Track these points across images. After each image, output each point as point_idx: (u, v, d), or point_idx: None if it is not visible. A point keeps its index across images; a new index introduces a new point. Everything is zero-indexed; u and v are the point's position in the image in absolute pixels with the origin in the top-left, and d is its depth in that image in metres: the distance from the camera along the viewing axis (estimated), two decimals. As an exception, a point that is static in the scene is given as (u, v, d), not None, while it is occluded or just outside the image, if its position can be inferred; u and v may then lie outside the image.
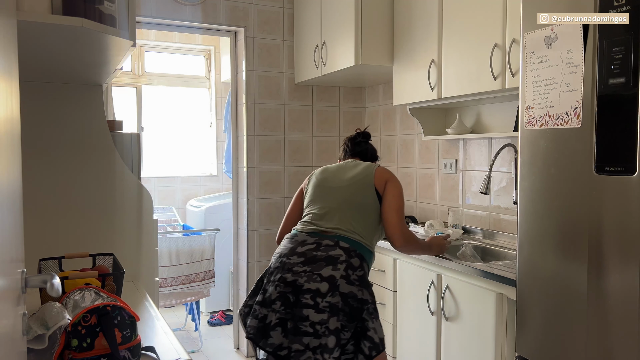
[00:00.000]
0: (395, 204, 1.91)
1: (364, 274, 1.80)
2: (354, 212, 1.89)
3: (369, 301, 1.75)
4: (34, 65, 1.59)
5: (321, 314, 1.67)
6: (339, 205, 1.91)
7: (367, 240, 1.88)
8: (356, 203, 1.91)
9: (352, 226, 1.86)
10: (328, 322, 1.66)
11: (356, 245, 1.83)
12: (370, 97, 3.65)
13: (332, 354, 1.64)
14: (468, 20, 2.33)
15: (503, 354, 1.90)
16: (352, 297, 1.71)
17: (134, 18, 1.50)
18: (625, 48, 1.25)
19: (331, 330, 1.65)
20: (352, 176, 1.98)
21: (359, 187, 1.94)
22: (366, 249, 1.87)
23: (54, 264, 1.60)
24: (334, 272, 1.72)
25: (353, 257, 1.79)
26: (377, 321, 1.75)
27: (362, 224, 1.88)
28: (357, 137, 2.20)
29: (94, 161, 1.99)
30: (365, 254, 1.85)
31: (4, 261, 0.70)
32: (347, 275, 1.73)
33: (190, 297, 3.67)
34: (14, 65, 0.88)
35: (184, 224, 4.35)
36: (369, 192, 1.92)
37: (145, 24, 3.27)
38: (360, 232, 1.86)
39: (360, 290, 1.74)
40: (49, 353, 1.11)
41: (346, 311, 1.69)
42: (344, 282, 1.71)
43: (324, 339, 1.65)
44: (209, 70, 4.94)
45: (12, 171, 0.81)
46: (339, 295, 1.69)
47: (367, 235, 1.88)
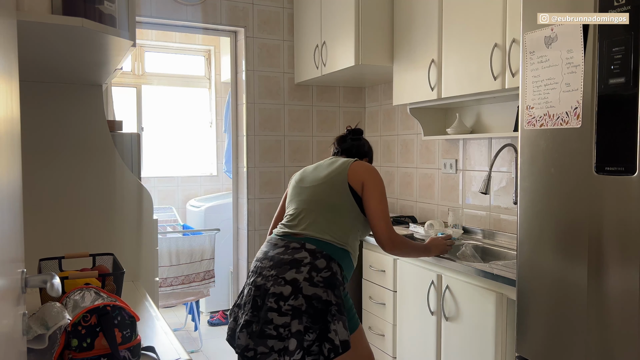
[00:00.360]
0: (378, 208, 1.87)
1: (330, 275, 1.76)
2: (326, 212, 1.86)
3: (333, 302, 1.72)
4: (34, 65, 1.59)
5: (284, 317, 1.69)
6: (310, 205, 1.89)
7: (341, 240, 1.84)
8: (328, 202, 1.88)
9: (322, 226, 1.84)
10: (290, 325, 1.68)
11: (325, 246, 1.81)
12: (370, 97, 3.65)
13: (293, 356, 1.66)
14: (468, 20, 2.33)
15: (503, 354, 1.90)
16: (316, 299, 1.70)
17: (134, 18, 1.50)
18: (625, 48, 1.25)
19: (293, 333, 1.67)
20: (326, 174, 1.93)
21: (332, 185, 1.90)
22: (339, 248, 1.83)
23: (54, 264, 1.60)
24: (297, 274, 1.73)
25: (318, 259, 1.77)
26: (340, 323, 1.71)
27: (336, 224, 1.85)
28: (347, 135, 2.16)
29: (94, 161, 1.99)
30: (335, 254, 1.81)
31: (4, 261, 0.70)
32: (311, 277, 1.73)
33: (190, 297, 3.66)
34: (14, 65, 0.88)
35: (184, 224, 4.34)
36: (343, 190, 1.88)
37: (145, 24, 3.27)
38: (332, 231, 1.83)
39: (325, 292, 1.72)
40: (49, 353, 1.11)
41: (310, 313, 1.69)
42: (307, 284, 1.71)
43: (286, 341, 1.67)
44: (209, 70, 4.94)
45: (12, 171, 0.81)
46: (302, 297, 1.70)
47: (340, 235, 1.84)
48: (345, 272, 1.86)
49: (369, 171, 1.93)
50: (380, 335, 2.63)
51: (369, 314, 2.74)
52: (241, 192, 3.57)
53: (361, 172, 1.91)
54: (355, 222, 1.89)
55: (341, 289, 1.79)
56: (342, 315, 1.72)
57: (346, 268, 1.86)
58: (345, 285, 1.85)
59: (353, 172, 1.91)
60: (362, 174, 1.90)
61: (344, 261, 1.85)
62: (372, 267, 2.69)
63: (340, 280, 1.80)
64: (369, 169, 1.94)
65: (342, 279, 1.81)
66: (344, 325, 1.72)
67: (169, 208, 4.60)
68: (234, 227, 3.66)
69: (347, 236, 1.86)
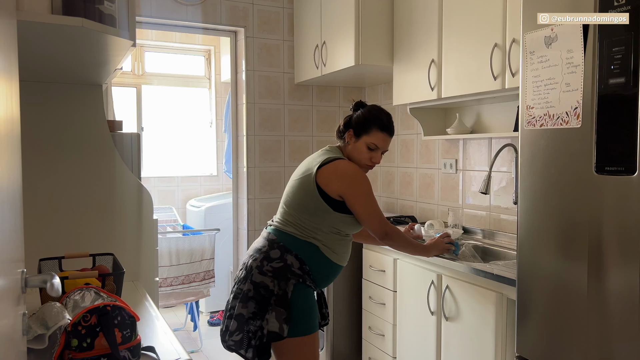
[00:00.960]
0: (366, 212, 1.84)
1: (282, 266, 1.79)
2: (296, 206, 1.86)
3: (275, 293, 1.76)
4: (34, 65, 1.59)
5: (234, 299, 1.82)
6: (286, 199, 1.92)
7: (307, 233, 1.83)
8: (298, 199, 1.86)
9: (290, 219, 1.86)
10: (235, 306, 1.80)
11: (284, 237, 1.84)
12: (370, 97, 3.65)
13: (232, 337, 1.78)
14: (468, 20, 2.33)
15: (503, 354, 1.90)
16: (263, 287, 1.78)
17: (134, 18, 1.50)
18: (625, 48, 1.25)
19: (236, 315, 1.78)
20: (301, 172, 1.90)
21: (301, 184, 1.86)
22: (302, 241, 1.83)
23: (54, 264, 1.60)
24: (252, 262, 1.83)
25: (274, 249, 1.82)
26: (274, 313, 1.74)
27: (303, 218, 1.84)
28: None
29: (94, 161, 1.99)
30: (295, 246, 1.82)
31: (4, 261, 0.70)
32: (261, 265, 1.80)
33: (190, 297, 3.66)
34: (14, 65, 0.88)
35: (184, 224, 4.34)
36: (310, 191, 1.82)
37: (145, 24, 3.27)
38: (298, 225, 1.84)
39: (272, 282, 1.78)
40: (49, 353, 1.11)
41: (257, 300, 1.77)
42: (257, 272, 1.80)
43: (230, 321, 1.80)
44: (209, 70, 4.94)
45: (12, 171, 0.81)
46: (250, 283, 1.79)
47: (307, 229, 1.83)
48: (310, 267, 1.83)
49: (341, 179, 1.81)
50: (380, 335, 2.63)
51: (369, 314, 2.74)
52: (241, 192, 3.57)
53: (332, 181, 1.81)
54: (327, 219, 1.83)
55: (292, 282, 1.78)
56: (279, 307, 1.75)
57: (312, 262, 1.83)
58: (309, 281, 1.82)
59: (323, 176, 1.82)
60: (334, 184, 1.80)
61: (309, 254, 1.83)
62: (372, 267, 2.69)
63: (297, 273, 1.80)
64: (339, 176, 1.82)
65: (300, 272, 1.80)
66: (277, 316, 1.74)
67: (169, 208, 4.60)
68: (234, 227, 3.66)
69: (316, 231, 1.83)
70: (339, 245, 1.89)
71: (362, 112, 1.94)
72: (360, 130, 1.90)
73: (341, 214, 1.84)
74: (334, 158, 1.87)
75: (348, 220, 1.87)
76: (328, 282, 1.94)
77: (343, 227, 1.88)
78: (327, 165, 1.84)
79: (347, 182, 1.82)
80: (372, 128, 1.89)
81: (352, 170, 1.85)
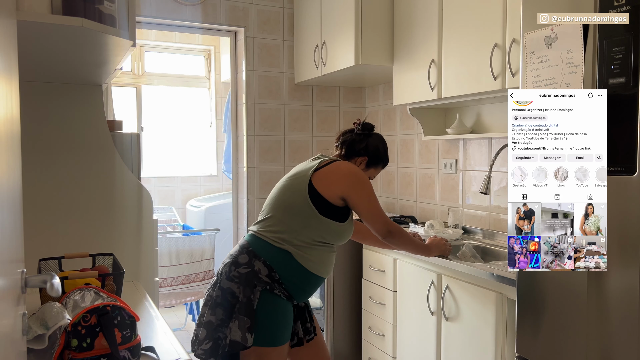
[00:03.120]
0: (369, 213, 1.83)
1: (249, 272, 1.71)
2: (279, 212, 1.79)
3: (239, 300, 1.69)
4: (34, 65, 1.59)
5: (204, 306, 1.78)
6: (271, 203, 1.84)
7: (282, 240, 1.75)
8: (281, 200, 1.81)
9: (267, 224, 1.79)
10: (205, 314, 1.75)
11: (256, 242, 1.77)
12: (370, 97, 3.65)
13: (202, 345, 1.71)
14: (468, 20, 2.33)
15: (503, 354, 1.90)
16: (230, 293, 1.72)
17: (134, 18, 1.50)
18: (625, 48, 1.25)
19: (204, 323, 1.73)
20: (291, 175, 1.86)
21: (291, 187, 1.81)
22: (274, 247, 1.75)
23: (54, 264, 1.60)
24: (223, 267, 1.79)
25: (242, 254, 1.76)
26: (237, 322, 1.67)
27: (283, 224, 1.77)
28: (353, 128, 2.01)
29: (94, 161, 1.99)
30: (265, 253, 1.74)
31: (4, 261, 0.70)
32: (229, 271, 1.75)
33: (190, 297, 3.67)
34: (14, 65, 0.88)
35: (184, 224, 4.35)
36: (298, 191, 1.78)
37: (145, 24, 3.27)
38: (274, 231, 1.77)
39: (238, 288, 1.71)
40: (49, 353, 1.11)
41: (225, 306, 1.71)
42: (224, 277, 1.75)
43: (199, 329, 1.75)
44: (209, 70, 4.94)
45: (12, 171, 0.81)
46: (218, 289, 1.74)
47: (284, 236, 1.75)
48: (281, 275, 1.74)
49: (344, 179, 1.80)
50: (380, 335, 2.63)
51: (369, 314, 2.74)
52: (241, 192, 3.57)
53: (334, 181, 1.78)
54: (311, 223, 1.76)
55: (258, 289, 1.70)
56: (242, 316, 1.67)
57: (284, 270, 1.75)
58: (278, 290, 1.74)
59: (322, 177, 1.79)
60: (336, 185, 1.78)
61: (279, 262, 1.74)
62: (372, 267, 2.69)
63: (264, 280, 1.71)
64: (343, 177, 1.80)
65: (268, 279, 1.72)
66: (240, 325, 1.66)
67: (169, 208, 4.60)
68: (234, 227, 3.66)
69: (294, 237, 1.75)
70: (317, 253, 1.79)
71: (379, 147, 1.98)
72: (372, 164, 1.98)
73: (327, 219, 1.77)
74: (330, 160, 1.86)
75: (334, 227, 1.79)
76: (305, 293, 1.84)
77: (327, 234, 1.79)
78: (326, 167, 1.81)
79: (352, 182, 1.80)
80: (380, 165, 2.01)
81: (355, 170, 1.85)
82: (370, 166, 1.97)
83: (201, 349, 1.71)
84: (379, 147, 1.98)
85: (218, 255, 3.87)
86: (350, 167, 1.85)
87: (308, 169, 1.83)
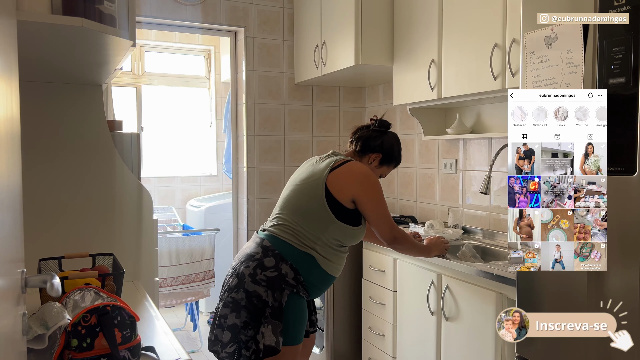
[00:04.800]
0: (377, 215, 1.83)
1: (277, 276, 1.71)
2: (297, 214, 1.80)
3: (269, 304, 1.69)
4: (34, 65, 1.59)
5: (225, 308, 1.74)
6: (287, 205, 1.84)
7: (306, 244, 1.77)
8: (300, 205, 1.81)
9: (289, 227, 1.79)
10: (227, 317, 1.72)
11: (281, 245, 1.76)
12: (370, 97, 3.65)
13: (226, 348, 1.70)
14: (468, 20, 2.33)
15: (503, 354, 1.90)
16: (256, 296, 1.70)
17: (134, 18, 1.50)
18: (625, 48, 1.25)
19: (228, 326, 1.71)
20: (306, 176, 1.86)
21: (307, 189, 1.81)
22: (299, 251, 1.76)
23: (54, 264, 1.60)
24: (245, 269, 1.75)
25: (268, 257, 1.74)
26: (270, 327, 1.67)
27: (304, 227, 1.78)
28: (369, 125, 2.03)
29: (94, 161, 1.99)
30: (291, 256, 1.75)
31: (4, 261, 0.70)
32: (254, 274, 1.72)
33: (190, 297, 3.66)
34: (14, 65, 0.88)
35: (184, 224, 4.34)
36: (317, 196, 1.78)
37: (145, 24, 3.27)
38: (297, 234, 1.77)
39: (266, 292, 1.70)
40: (49, 353, 1.11)
41: (250, 309, 1.70)
42: (250, 280, 1.72)
43: (222, 332, 1.73)
44: (209, 70, 4.94)
45: (12, 171, 0.81)
46: (243, 292, 1.72)
47: (307, 239, 1.77)
48: (305, 278, 1.77)
49: (356, 181, 1.80)
50: (380, 335, 2.63)
51: (369, 314, 2.74)
52: (241, 192, 3.57)
53: (347, 183, 1.79)
54: (330, 228, 1.79)
55: (286, 293, 1.72)
56: (274, 320, 1.68)
57: (307, 274, 1.77)
58: (302, 292, 1.76)
59: (335, 180, 1.79)
60: (349, 187, 1.79)
61: (304, 266, 1.77)
62: (372, 267, 2.69)
63: (291, 284, 1.73)
64: (355, 178, 1.81)
65: (294, 282, 1.74)
66: (274, 330, 1.67)
67: (169, 208, 4.60)
68: (234, 227, 3.66)
69: (316, 242, 1.78)
70: (336, 257, 1.84)
71: (394, 145, 2.02)
72: (385, 161, 2.01)
73: (344, 224, 1.80)
74: (344, 160, 1.86)
75: (350, 231, 1.82)
76: (321, 292, 1.88)
77: (343, 238, 1.83)
78: (339, 168, 1.82)
79: (363, 184, 1.81)
80: (393, 164, 2.05)
81: (367, 172, 1.86)
82: (383, 164, 2.00)
83: (225, 351, 1.71)
84: (394, 146, 2.02)
85: (218, 255, 3.87)
86: (362, 169, 1.86)
87: (322, 170, 1.82)
